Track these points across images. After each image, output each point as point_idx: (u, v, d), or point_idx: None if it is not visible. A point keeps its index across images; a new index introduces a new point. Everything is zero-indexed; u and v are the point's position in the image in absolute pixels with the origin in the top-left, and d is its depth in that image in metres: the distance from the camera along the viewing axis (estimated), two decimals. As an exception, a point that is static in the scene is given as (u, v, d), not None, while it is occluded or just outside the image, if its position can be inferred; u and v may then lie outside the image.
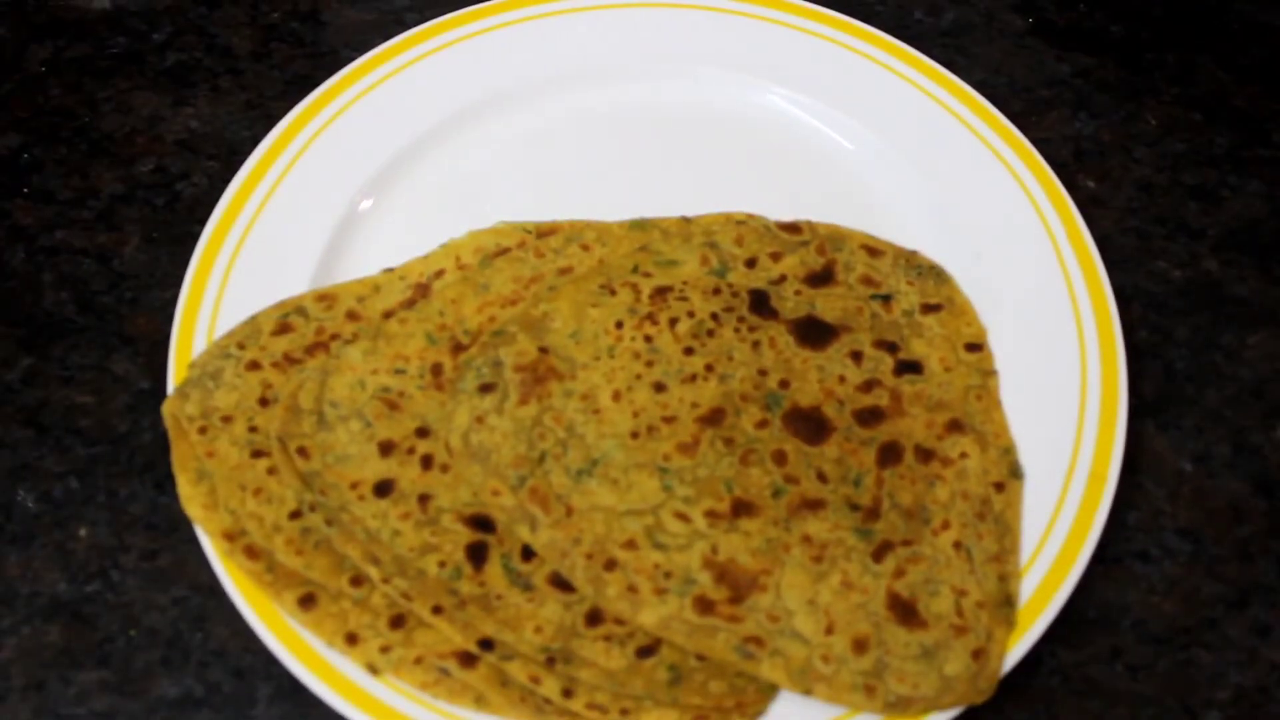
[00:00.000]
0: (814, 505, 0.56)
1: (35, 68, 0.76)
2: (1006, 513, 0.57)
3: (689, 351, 0.61)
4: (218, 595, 0.56)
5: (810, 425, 0.59)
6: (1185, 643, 0.57)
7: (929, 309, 0.63)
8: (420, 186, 0.68)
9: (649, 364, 0.60)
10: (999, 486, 0.57)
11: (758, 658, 0.52)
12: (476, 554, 0.55)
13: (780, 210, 0.67)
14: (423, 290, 0.63)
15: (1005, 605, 0.54)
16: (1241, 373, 0.65)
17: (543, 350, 0.60)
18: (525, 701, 0.52)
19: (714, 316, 0.62)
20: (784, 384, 0.60)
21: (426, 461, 0.57)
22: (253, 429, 0.58)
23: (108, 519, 0.60)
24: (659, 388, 0.59)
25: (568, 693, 0.52)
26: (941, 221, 0.67)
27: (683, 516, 0.56)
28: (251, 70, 0.76)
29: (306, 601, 0.54)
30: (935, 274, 0.65)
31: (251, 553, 0.55)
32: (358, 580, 0.54)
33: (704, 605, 0.53)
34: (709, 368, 0.60)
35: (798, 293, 0.63)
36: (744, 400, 0.59)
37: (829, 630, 0.53)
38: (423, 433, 0.58)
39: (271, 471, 0.57)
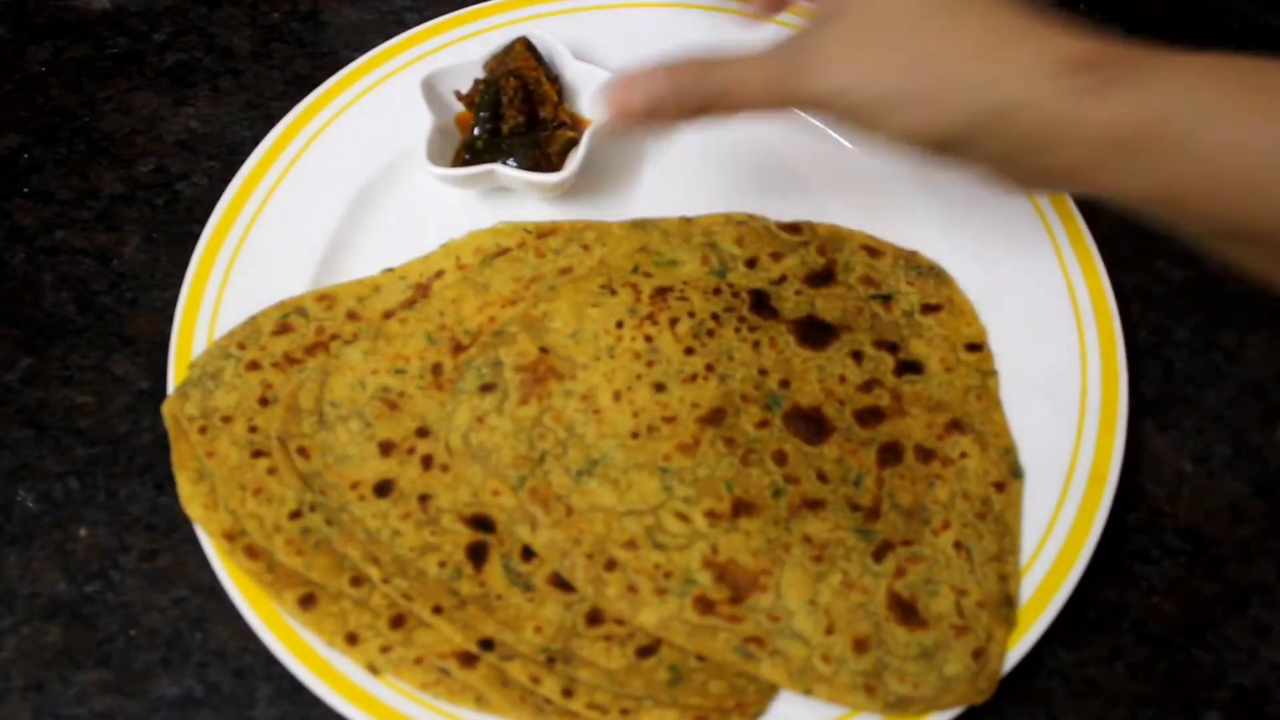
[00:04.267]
0: (814, 505, 0.56)
1: (35, 68, 0.76)
2: (1006, 513, 0.57)
3: (689, 351, 0.61)
4: (218, 595, 0.56)
5: (810, 425, 0.59)
6: (1185, 643, 0.57)
7: (929, 309, 0.63)
8: (421, 186, 0.68)
9: (649, 364, 0.60)
10: (999, 486, 0.57)
11: (758, 658, 0.52)
12: (476, 554, 0.55)
13: (780, 210, 0.67)
14: (423, 290, 0.63)
15: (1005, 605, 0.54)
16: (1241, 373, 0.65)
17: (543, 350, 0.60)
18: (525, 701, 0.52)
19: (714, 316, 0.62)
20: (784, 384, 0.60)
21: (426, 461, 0.58)
22: (253, 429, 0.58)
23: (108, 519, 0.60)
24: (659, 388, 0.59)
25: (568, 693, 0.52)
26: (941, 221, 0.67)
27: (683, 516, 0.56)
28: (251, 70, 0.76)
29: (306, 601, 0.54)
30: (935, 274, 0.65)
31: (251, 553, 0.55)
32: (358, 580, 0.54)
33: (704, 605, 0.53)
34: (709, 368, 0.60)
35: (798, 293, 0.63)
36: (744, 400, 0.59)
37: (829, 630, 0.53)
38: (423, 433, 0.58)
39: (271, 471, 0.57)
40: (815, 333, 0.62)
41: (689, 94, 0.53)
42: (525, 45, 0.68)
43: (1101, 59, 0.48)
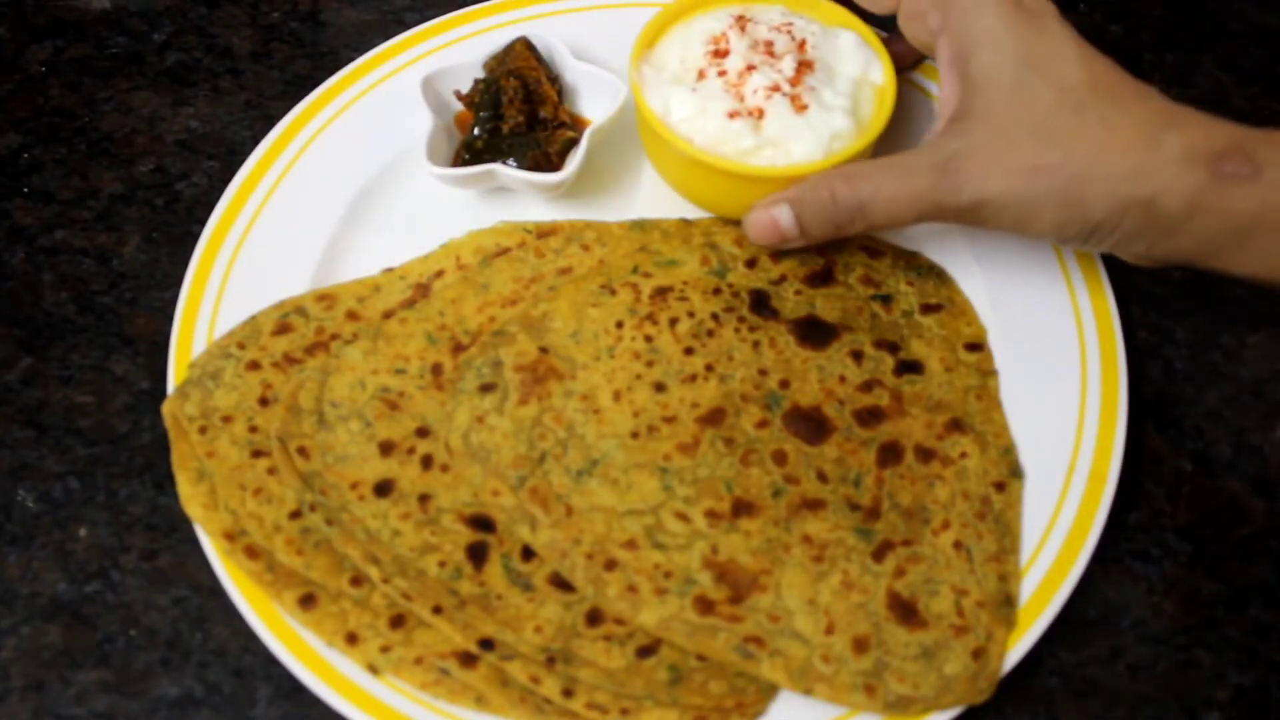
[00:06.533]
0: (814, 505, 0.56)
1: (35, 68, 0.76)
2: (1006, 513, 0.57)
3: (689, 351, 0.61)
4: (218, 595, 0.56)
5: (810, 425, 0.59)
6: (1185, 643, 0.57)
7: (929, 309, 0.63)
8: (421, 186, 0.68)
9: (649, 364, 0.60)
10: (999, 486, 0.57)
11: (758, 658, 0.52)
12: (476, 554, 0.55)
13: (780, 210, 0.67)
14: (423, 290, 0.63)
15: (1005, 605, 0.54)
16: (1241, 373, 0.65)
17: (543, 350, 0.60)
18: (525, 701, 0.52)
19: (714, 317, 0.62)
20: (784, 384, 0.60)
21: (426, 461, 0.57)
22: (253, 429, 0.58)
23: (108, 519, 0.60)
24: (659, 388, 0.59)
25: (568, 693, 0.52)
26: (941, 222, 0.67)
27: (683, 516, 0.56)
28: (251, 70, 0.76)
29: (306, 601, 0.54)
30: (935, 274, 0.65)
31: (251, 553, 0.55)
32: (358, 580, 0.54)
33: (704, 605, 0.53)
34: (709, 368, 0.60)
35: (798, 293, 0.63)
36: (744, 400, 0.59)
37: (829, 630, 0.53)
38: (423, 433, 0.58)
39: (271, 471, 0.57)
40: (815, 333, 0.62)
41: (824, 220, 0.57)
42: (525, 45, 0.68)
43: (1243, 144, 0.49)
